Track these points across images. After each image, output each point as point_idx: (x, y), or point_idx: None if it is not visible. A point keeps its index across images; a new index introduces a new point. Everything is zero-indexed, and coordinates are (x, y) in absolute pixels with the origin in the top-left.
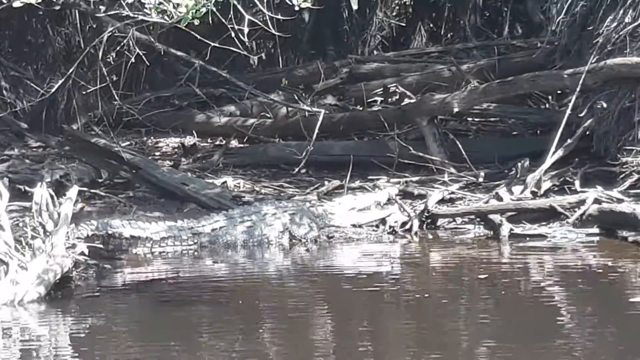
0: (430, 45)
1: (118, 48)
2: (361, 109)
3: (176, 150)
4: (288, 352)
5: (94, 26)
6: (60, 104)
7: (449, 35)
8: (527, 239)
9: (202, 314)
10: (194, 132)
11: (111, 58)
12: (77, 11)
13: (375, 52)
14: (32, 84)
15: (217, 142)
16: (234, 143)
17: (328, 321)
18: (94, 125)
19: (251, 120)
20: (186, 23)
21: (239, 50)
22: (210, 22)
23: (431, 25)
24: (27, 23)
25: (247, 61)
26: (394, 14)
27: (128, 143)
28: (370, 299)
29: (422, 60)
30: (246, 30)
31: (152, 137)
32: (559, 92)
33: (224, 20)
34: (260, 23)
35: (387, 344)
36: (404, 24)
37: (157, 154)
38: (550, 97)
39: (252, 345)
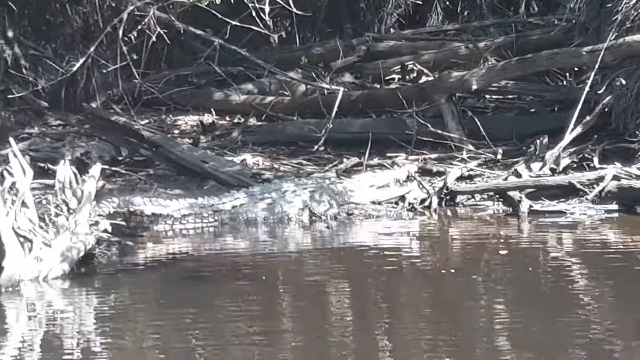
0: (447, 23)
1: (139, 27)
2: (379, 86)
3: (195, 128)
4: (307, 328)
5: (113, 5)
6: (79, 83)
7: (465, 13)
8: (547, 215)
9: (223, 290)
10: (212, 110)
11: (132, 37)
12: None
13: (391, 30)
14: (51, 63)
15: (236, 120)
16: (252, 121)
17: (349, 298)
18: (113, 103)
19: (269, 98)
20: (207, 2)
21: (259, 29)
22: (232, 1)
23: (447, 3)
24: (45, 2)
25: (264, 39)
26: None
27: (147, 121)
28: (392, 276)
29: (439, 38)
30: (267, 9)
31: (170, 115)
32: (576, 69)
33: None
34: (281, 2)
35: (405, 320)
36: (420, 2)
37: (176, 131)
38: (567, 74)
39: (272, 321)
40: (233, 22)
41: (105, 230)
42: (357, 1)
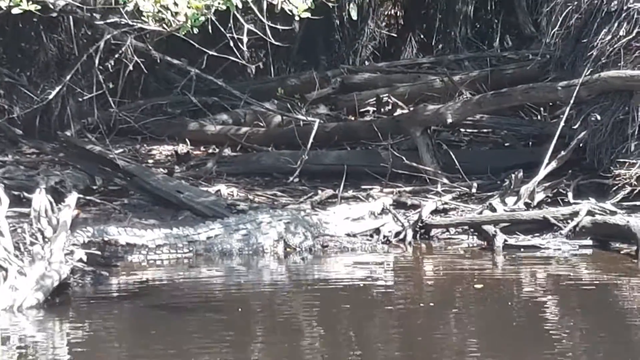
0: (421, 56)
1: (116, 56)
2: (353, 118)
3: (169, 158)
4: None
5: (89, 33)
6: (54, 111)
7: (439, 47)
8: (521, 249)
9: (197, 322)
10: (187, 140)
11: (109, 65)
12: (70, 18)
13: (366, 63)
14: (25, 91)
15: (210, 150)
16: (227, 151)
17: (323, 331)
18: (87, 132)
19: (244, 129)
20: (185, 32)
21: (237, 59)
22: (210, 31)
23: (422, 36)
24: (21, 29)
25: (238, 70)
26: (384, 24)
27: (121, 150)
28: (368, 310)
29: (414, 71)
30: (245, 39)
31: (145, 145)
32: (551, 104)
33: (223, 30)
34: (259, 33)
35: (377, 353)
36: (394, 35)
37: (151, 161)
38: (542, 109)
39: (244, 354)
40: (210, 52)
41: (81, 260)
42: (332, 33)
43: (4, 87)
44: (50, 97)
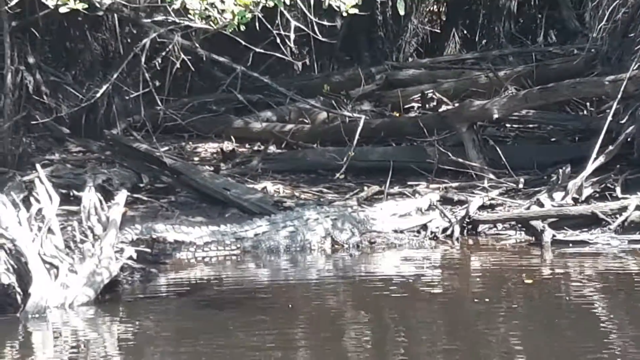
0: (465, 52)
1: (163, 54)
2: (398, 115)
3: (215, 155)
4: (324, 355)
5: (134, 32)
6: (100, 109)
7: (483, 42)
8: (570, 245)
9: (245, 319)
10: (232, 137)
11: (157, 63)
12: (115, 17)
13: (409, 59)
14: (71, 89)
15: (255, 148)
16: (272, 148)
17: (370, 327)
18: (132, 130)
19: (289, 126)
20: (231, 29)
21: (283, 56)
22: (257, 28)
23: (465, 31)
24: (66, 28)
25: (282, 67)
26: (427, 20)
27: (167, 148)
28: (416, 305)
29: (458, 67)
30: (292, 36)
31: (190, 143)
32: (596, 98)
33: (269, 27)
34: (306, 29)
35: (427, 350)
36: (438, 31)
37: (196, 159)
38: (588, 104)
39: (290, 351)
40: (256, 49)
41: (130, 257)
42: (375, 29)
43: (50, 86)
44: (98, 95)
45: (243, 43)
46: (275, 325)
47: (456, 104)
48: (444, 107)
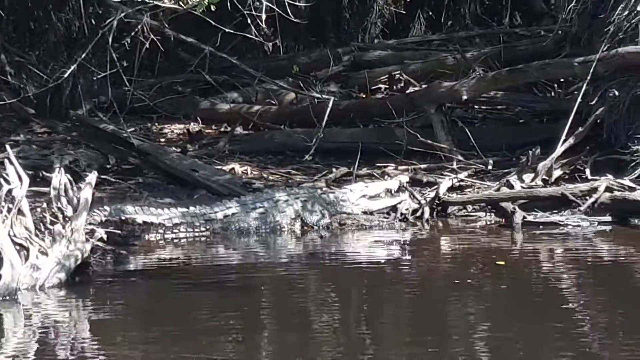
0: (430, 34)
1: (132, 34)
2: (364, 96)
3: (181, 136)
4: (293, 337)
5: (99, 12)
6: (65, 90)
7: (448, 23)
8: (540, 226)
9: (215, 300)
10: (198, 118)
11: (126, 44)
12: None
13: (375, 40)
14: (35, 70)
15: (222, 129)
16: (239, 130)
17: (338, 309)
18: (98, 111)
19: (256, 107)
20: (202, 9)
21: (252, 37)
22: (228, 7)
23: (430, 12)
24: (30, 9)
25: (247, 48)
26: (392, 0)
27: (133, 129)
28: (387, 286)
29: (425, 48)
30: (264, 16)
31: (156, 124)
32: (563, 80)
33: (240, 7)
34: (277, 10)
35: (393, 331)
36: (403, 12)
37: (162, 140)
38: (556, 85)
39: (256, 333)
40: (226, 30)
41: (101, 239)
42: (341, 10)
43: (15, 66)
44: (65, 76)
45: (212, 23)
46: (246, 307)
47: (424, 86)
48: (411, 89)
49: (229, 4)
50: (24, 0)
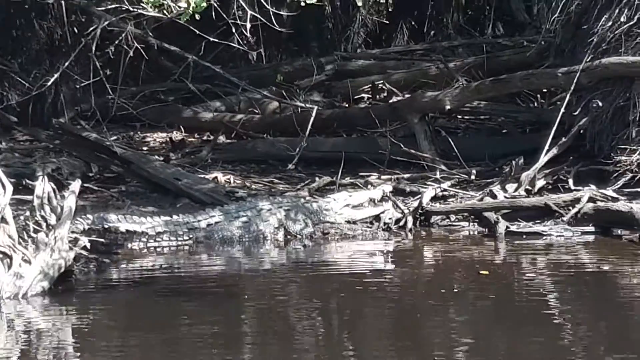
0: (413, 43)
1: (116, 42)
2: (347, 105)
3: (164, 145)
4: (274, 345)
5: (83, 20)
6: (47, 98)
7: (431, 33)
8: (524, 236)
9: (198, 308)
10: (181, 127)
11: (110, 52)
12: (63, 4)
13: (358, 50)
14: (17, 78)
15: (205, 138)
16: (222, 139)
17: (320, 319)
18: (80, 119)
19: (239, 116)
20: (186, 18)
21: (237, 46)
22: (212, 16)
23: (413, 22)
24: (12, 16)
25: (229, 57)
26: (374, 10)
27: (115, 138)
28: (369, 296)
29: (408, 58)
30: (248, 25)
31: (138, 132)
32: (545, 90)
33: (224, 15)
34: (262, 19)
35: (374, 341)
36: (386, 22)
37: (145, 148)
38: (539, 96)
39: (238, 341)
40: (210, 38)
41: (84, 247)
42: (324, 20)
43: None
44: (49, 84)
45: (196, 32)
46: (228, 316)
47: (407, 95)
48: (394, 98)
49: (213, 13)
50: (6, 7)
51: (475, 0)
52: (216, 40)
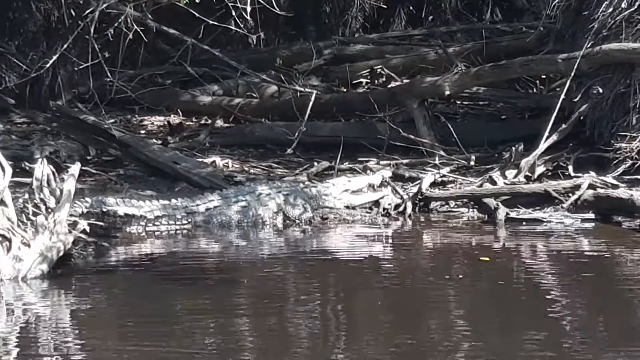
0: (410, 28)
1: (115, 25)
2: (345, 90)
3: (161, 128)
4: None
5: (80, 1)
6: (45, 80)
7: (429, 18)
8: (523, 223)
9: (197, 292)
10: (178, 110)
11: (110, 34)
12: None
13: (356, 34)
14: (14, 60)
15: (203, 122)
16: (220, 123)
17: (317, 304)
18: (77, 102)
19: (237, 100)
20: (186, 1)
21: (232, 29)
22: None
23: (411, 7)
24: None
25: (227, 41)
26: None
27: (113, 121)
28: (368, 283)
29: (406, 43)
30: (249, 8)
31: (136, 115)
32: (544, 76)
33: None
34: (262, 1)
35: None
36: (384, 6)
37: (143, 132)
38: (538, 81)
39: (234, 326)
40: (209, 21)
41: (84, 231)
42: (321, 4)
43: None
44: (47, 66)
45: (195, 15)
46: (226, 300)
47: (405, 80)
48: (393, 83)
49: None
50: None
51: None
52: (215, 23)
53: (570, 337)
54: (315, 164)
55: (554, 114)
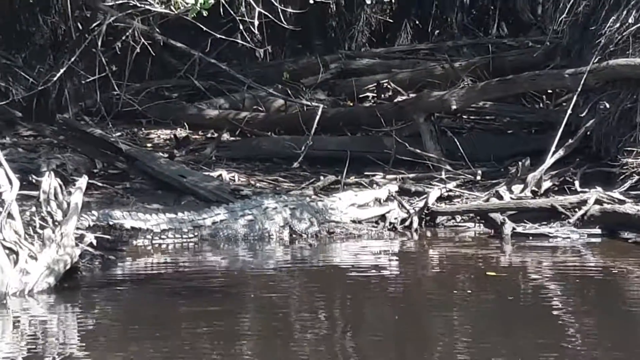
0: (417, 43)
1: (123, 38)
2: (352, 104)
3: (168, 142)
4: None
5: (87, 15)
6: (51, 93)
7: (435, 33)
8: (530, 238)
9: (203, 306)
10: (185, 124)
11: (117, 47)
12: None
13: (362, 49)
14: (22, 73)
15: (209, 135)
16: (226, 136)
17: (324, 318)
18: (83, 115)
19: (244, 114)
20: (194, 14)
21: (238, 42)
22: (221, 13)
23: (417, 22)
24: (16, 11)
25: (233, 55)
26: (379, 9)
27: (119, 134)
28: (375, 298)
29: (412, 57)
30: (257, 22)
31: (143, 129)
32: (550, 91)
33: (232, 12)
34: (270, 16)
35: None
36: (390, 20)
37: (149, 145)
38: (544, 96)
39: (241, 340)
40: (217, 35)
41: (90, 244)
42: (328, 18)
43: (1, 69)
44: (54, 79)
45: (202, 29)
46: (233, 314)
47: (412, 95)
48: (399, 98)
49: (221, 9)
50: (10, 2)
51: (479, 0)
52: (222, 37)
53: (575, 350)
54: (322, 178)
55: (561, 129)
